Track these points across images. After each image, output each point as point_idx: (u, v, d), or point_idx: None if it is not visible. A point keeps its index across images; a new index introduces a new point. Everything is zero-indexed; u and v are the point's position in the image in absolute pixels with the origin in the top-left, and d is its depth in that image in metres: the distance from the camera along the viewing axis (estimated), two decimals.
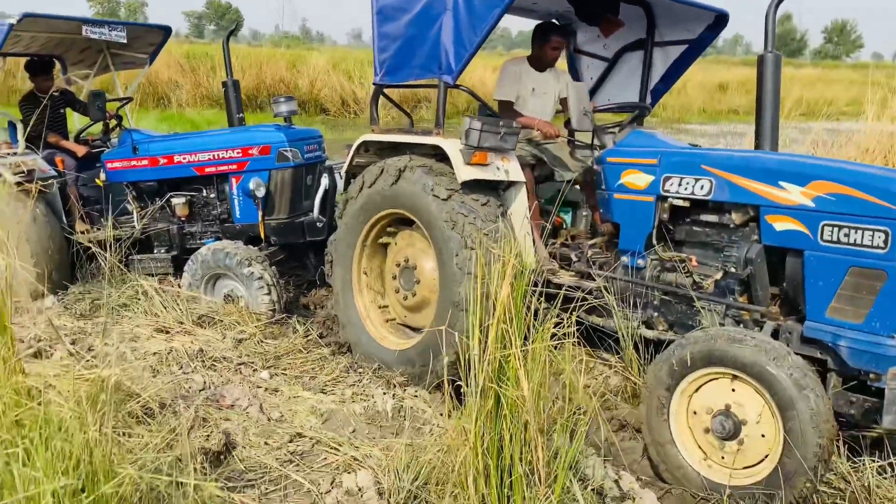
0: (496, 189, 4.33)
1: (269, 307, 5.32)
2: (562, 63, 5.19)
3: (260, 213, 5.72)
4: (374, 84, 4.78)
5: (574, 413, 2.76)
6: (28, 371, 2.94)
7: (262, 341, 4.94)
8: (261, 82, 20.36)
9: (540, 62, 4.89)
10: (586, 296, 3.70)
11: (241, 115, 6.49)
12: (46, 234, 5.70)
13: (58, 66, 7.19)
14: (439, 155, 4.32)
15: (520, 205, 4.32)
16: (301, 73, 21.79)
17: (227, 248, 5.40)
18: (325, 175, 5.84)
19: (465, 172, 4.11)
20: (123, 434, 3.02)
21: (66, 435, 1.95)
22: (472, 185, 4.17)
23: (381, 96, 4.89)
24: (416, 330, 4.71)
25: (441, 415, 3.96)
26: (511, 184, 4.35)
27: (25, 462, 1.86)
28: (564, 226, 4.72)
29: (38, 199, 5.66)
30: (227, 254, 5.35)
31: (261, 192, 5.65)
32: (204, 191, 6.08)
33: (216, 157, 5.89)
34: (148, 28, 6.92)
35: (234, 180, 5.88)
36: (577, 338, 3.14)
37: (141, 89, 17.04)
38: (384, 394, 4.22)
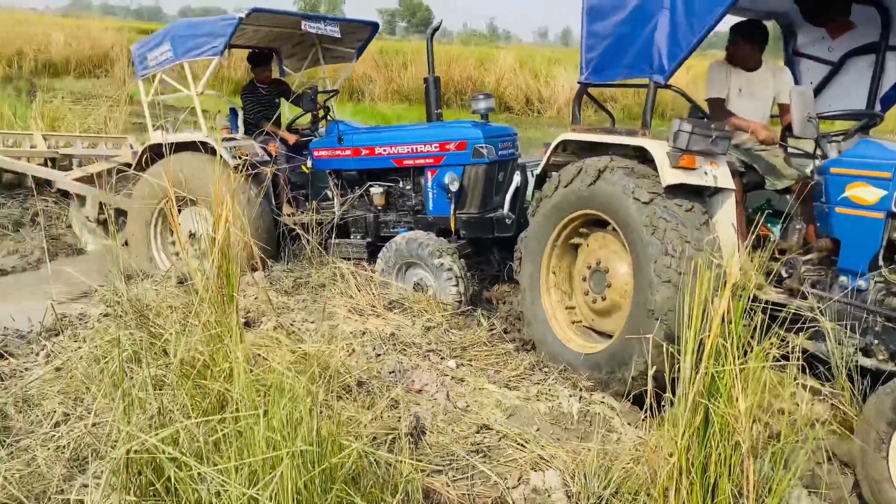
0: (701, 195, 4.14)
1: (456, 298, 5.43)
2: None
3: (452, 207, 5.85)
4: (578, 83, 4.74)
5: (788, 441, 2.59)
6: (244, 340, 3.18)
7: (448, 330, 5.05)
8: (449, 79, 20.77)
9: (746, 61, 4.62)
10: (813, 316, 3.44)
11: (438, 110, 6.66)
12: (258, 214, 6.15)
13: (274, 58, 7.72)
14: (642, 157, 4.20)
15: (726, 213, 4.11)
16: (488, 70, 22.06)
17: (420, 239, 5.57)
18: (517, 172, 5.88)
19: (670, 176, 3.97)
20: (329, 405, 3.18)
21: (296, 404, 2.09)
22: (676, 190, 4.01)
23: (584, 95, 4.83)
24: (602, 334, 4.63)
25: (630, 424, 3.86)
26: (718, 190, 4.14)
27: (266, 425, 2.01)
28: (772, 238, 4.45)
29: (252, 182, 6.13)
30: (420, 244, 5.52)
31: (454, 187, 5.77)
32: (400, 182, 6.31)
33: (414, 150, 6.08)
34: (358, 24, 7.26)
35: (429, 173, 6.05)
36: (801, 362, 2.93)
37: None
38: (570, 396, 4.18)
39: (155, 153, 6.53)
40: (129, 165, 7.00)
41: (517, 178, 5.83)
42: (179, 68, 6.55)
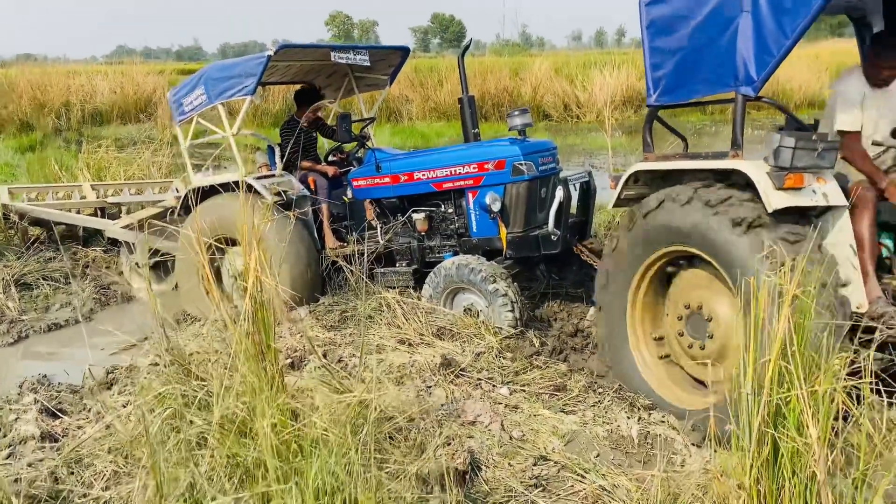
0: (806, 216, 3.68)
1: (512, 324, 5.28)
2: None
3: (502, 227, 5.72)
4: (647, 106, 4.32)
5: (869, 465, 2.38)
6: (287, 384, 3.10)
7: (499, 353, 4.92)
8: (485, 92, 20.76)
9: (881, 76, 4.10)
10: None
11: (476, 130, 6.56)
12: (301, 249, 6.13)
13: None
14: (727, 180, 3.80)
15: (840, 234, 3.65)
16: (524, 80, 21.98)
17: (472, 264, 5.43)
18: (559, 187, 5.70)
19: (776, 199, 3.50)
20: (377, 450, 3.09)
21: (333, 459, 1.99)
22: (782, 215, 3.54)
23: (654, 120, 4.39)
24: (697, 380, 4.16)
25: (694, 445, 3.69)
26: (827, 209, 3.70)
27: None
28: (884, 253, 3.88)
29: (291, 218, 6.10)
30: (472, 269, 5.38)
31: (496, 207, 5.66)
32: (442, 206, 6.21)
33: (453, 173, 5.99)
34: (388, 50, 7.23)
35: (470, 195, 5.94)
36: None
37: None
38: (628, 418, 4.03)
39: (197, 195, 6.58)
40: (174, 209, 7.07)
41: (560, 193, 5.62)
42: (215, 109, 6.60)
